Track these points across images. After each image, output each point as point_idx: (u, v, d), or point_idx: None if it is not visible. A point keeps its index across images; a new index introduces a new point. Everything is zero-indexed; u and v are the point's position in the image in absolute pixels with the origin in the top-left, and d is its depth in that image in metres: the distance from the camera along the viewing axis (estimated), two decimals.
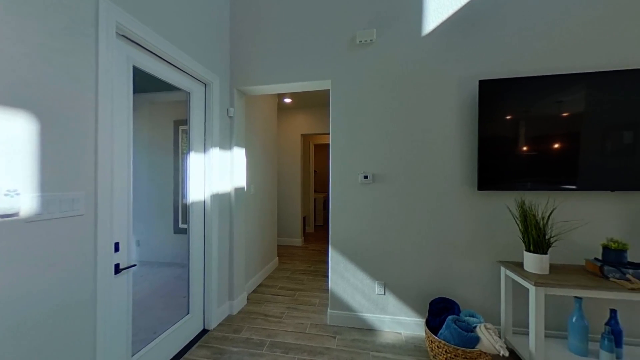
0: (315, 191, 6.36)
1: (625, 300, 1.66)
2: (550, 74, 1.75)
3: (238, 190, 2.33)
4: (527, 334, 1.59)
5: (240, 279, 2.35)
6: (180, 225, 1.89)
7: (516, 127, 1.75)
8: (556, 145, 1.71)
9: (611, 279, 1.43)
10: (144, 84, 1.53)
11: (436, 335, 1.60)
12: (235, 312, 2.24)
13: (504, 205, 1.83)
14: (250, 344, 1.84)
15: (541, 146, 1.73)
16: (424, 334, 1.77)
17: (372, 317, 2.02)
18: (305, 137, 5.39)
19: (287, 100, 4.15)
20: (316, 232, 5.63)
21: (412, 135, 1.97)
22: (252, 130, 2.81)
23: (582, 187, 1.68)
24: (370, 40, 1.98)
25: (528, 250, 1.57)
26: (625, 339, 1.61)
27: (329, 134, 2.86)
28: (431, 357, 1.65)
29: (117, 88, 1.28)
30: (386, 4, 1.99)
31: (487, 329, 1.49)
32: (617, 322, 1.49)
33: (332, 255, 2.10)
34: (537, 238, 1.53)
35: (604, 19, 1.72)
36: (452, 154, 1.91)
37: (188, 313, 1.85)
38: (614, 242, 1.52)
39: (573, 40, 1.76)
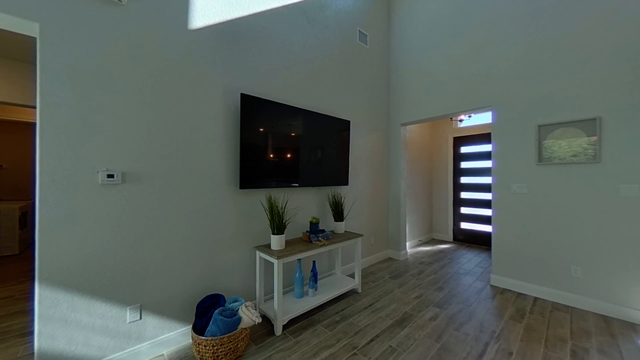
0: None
1: (318, 254, 2.74)
2: (286, 103, 2.42)
3: None
4: (273, 298, 2.09)
5: None
6: None
7: (266, 138, 2.23)
8: (289, 155, 2.40)
9: (313, 242, 2.28)
10: None
11: (204, 335, 1.61)
12: None
13: (258, 200, 2.25)
14: None
15: (281, 155, 2.34)
16: (192, 340, 1.70)
17: (121, 355, 1.58)
18: None
19: None
20: (2, 267, 3.34)
21: (178, 130, 1.81)
22: None
23: (301, 185, 2.50)
24: (119, 0, 1.54)
25: (273, 233, 2.07)
26: (319, 277, 2.65)
27: (34, 107, 1.81)
28: None
29: None
30: None
31: (246, 307, 1.75)
32: (315, 268, 2.40)
33: (44, 295, 1.36)
34: (279, 223, 2.06)
35: (307, 78, 2.71)
36: (219, 155, 2.01)
37: None
38: (314, 218, 2.44)
39: (297, 85, 2.58)
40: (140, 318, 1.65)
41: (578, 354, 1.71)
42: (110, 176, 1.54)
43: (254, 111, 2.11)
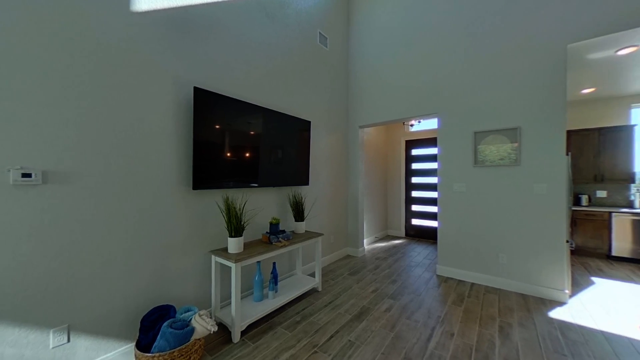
0: None
1: (279, 255, 2.69)
2: (244, 100, 2.33)
3: None
4: (230, 303, 1.99)
5: None
6: None
7: (223, 136, 2.11)
8: (247, 154, 2.31)
9: (273, 243, 2.23)
10: None
11: (150, 351, 1.45)
12: None
13: (214, 201, 2.12)
14: None
15: (239, 154, 2.24)
16: (135, 359, 1.53)
17: None
18: None
19: None
20: None
21: (119, 123, 1.60)
22: None
23: (261, 185, 2.43)
24: None
25: (231, 235, 1.97)
26: (279, 278, 2.61)
27: None
28: None
29: None
30: None
31: (200, 316, 1.63)
32: (275, 270, 2.36)
33: None
34: (236, 225, 1.97)
35: (267, 75, 2.65)
36: (169, 152, 1.84)
37: None
38: (274, 218, 2.39)
39: (257, 82, 2.50)
40: (68, 341, 1.42)
41: (504, 328, 2.00)
42: (27, 175, 1.29)
43: (209, 107, 1.99)
